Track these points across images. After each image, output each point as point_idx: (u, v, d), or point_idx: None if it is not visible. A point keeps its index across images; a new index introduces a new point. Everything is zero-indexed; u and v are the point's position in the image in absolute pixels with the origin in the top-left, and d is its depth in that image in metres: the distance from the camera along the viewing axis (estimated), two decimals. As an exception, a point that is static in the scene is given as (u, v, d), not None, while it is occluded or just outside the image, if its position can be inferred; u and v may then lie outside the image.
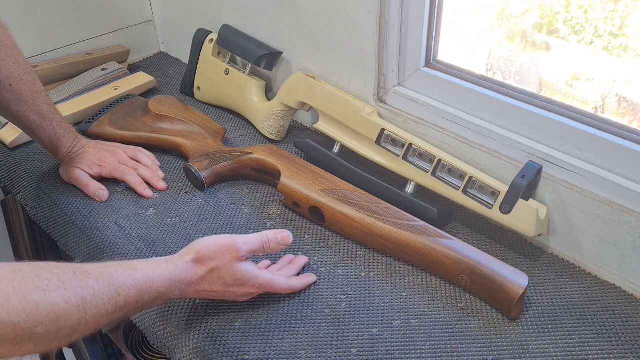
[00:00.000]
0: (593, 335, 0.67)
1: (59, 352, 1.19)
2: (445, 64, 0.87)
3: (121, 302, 0.56)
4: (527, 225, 0.74)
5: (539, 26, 0.80)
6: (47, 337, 0.49)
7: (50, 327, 0.49)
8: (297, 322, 0.68)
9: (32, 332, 0.48)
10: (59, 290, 0.50)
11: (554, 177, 0.76)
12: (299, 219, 0.85)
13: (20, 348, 0.48)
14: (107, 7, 1.23)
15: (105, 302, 0.54)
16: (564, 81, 0.81)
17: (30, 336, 0.48)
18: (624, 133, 0.71)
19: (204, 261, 0.64)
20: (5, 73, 0.81)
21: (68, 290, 0.51)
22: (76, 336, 0.52)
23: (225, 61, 1.10)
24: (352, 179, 0.87)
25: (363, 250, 0.79)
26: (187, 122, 0.99)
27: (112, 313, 0.55)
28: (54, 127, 0.87)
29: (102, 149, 0.92)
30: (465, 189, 0.79)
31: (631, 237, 0.70)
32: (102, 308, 0.53)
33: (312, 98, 0.95)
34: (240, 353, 0.65)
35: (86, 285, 0.53)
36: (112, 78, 1.16)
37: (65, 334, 0.51)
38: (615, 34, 0.72)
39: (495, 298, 0.69)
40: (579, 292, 0.73)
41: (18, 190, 0.93)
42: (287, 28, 1.01)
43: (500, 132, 0.80)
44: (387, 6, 0.83)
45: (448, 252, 0.71)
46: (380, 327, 0.68)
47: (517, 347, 0.65)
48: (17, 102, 0.83)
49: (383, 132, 0.87)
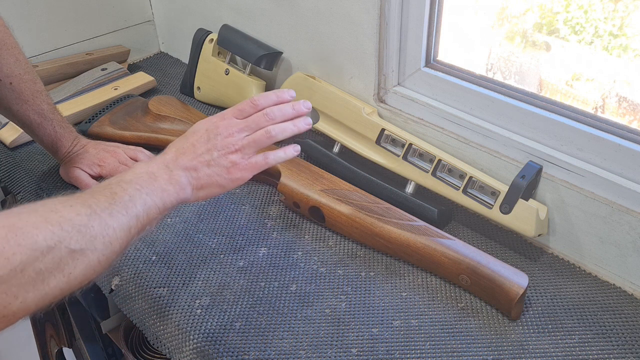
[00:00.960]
0: (593, 335, 0.67)
1: (59, 352, 1.19)
2: (445, 64, 0.87)
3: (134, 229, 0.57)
4: (527, 225, 0.74)
5: (539, 26, 0.80)
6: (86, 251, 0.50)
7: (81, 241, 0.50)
8: (297, 322, 0.68)
9: (70, 249, 0.49)
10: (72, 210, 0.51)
11: (554, 177, 0.76)
12: (299, 219, 0.85)
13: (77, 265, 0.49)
14: (107, 7, 1.23)
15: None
16: (564, 81, 0.81)
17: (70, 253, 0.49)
18: (624, 133, 0.71)
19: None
20: (6, 71, 0.81)
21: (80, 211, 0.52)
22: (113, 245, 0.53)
23: (225, 61, 1.10)
24: (352, 179, 0.87)
25: (363, 250, 0.79)
26: (187, 122, 0.99)
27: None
28: (54, 127, 0.87)
29: (102, 149, 0.92)
30: (465, 189, 0.79)
31: (631, 237, 0.70)
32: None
33: (312, 98, 0.95)
34: (240, 353, 0.65)
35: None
36: (112, 78, 1.16)
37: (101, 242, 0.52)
38: (615, 34, 0.72)
39: (495, 298, 0.69)
40: (579, 292, 0.73)
41: (18, 190, 0.93)
42: (287, 28, 1.01)
43: (500, 132, 0.80)
44: (387, 6, 0.83)
45: (448, 252, 0.71)
46: (380, 327, 0.68)
47: (517, 347, 0.65)
48: (17, 101, 0.83)
49: (383, 132, 0.87)
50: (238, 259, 0.78)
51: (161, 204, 0.60)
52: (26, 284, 0.46)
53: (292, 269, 0.76)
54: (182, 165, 0.64)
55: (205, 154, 0.65)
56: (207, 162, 0.65)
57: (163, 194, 0.60)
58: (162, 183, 0.61)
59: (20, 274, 0.45)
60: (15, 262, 0.45)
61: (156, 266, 0.76)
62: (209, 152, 0.65)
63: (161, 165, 0.63)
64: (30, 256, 0.46)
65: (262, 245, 0.80)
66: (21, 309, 0.46)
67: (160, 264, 0.76)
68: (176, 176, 0.63)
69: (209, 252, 0.78)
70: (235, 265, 0.76)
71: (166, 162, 0.64)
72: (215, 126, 0.67)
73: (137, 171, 0.61)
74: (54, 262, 0.48)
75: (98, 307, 1.04)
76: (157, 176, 0.61)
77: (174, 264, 0.76)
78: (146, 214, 0.58)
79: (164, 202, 0.60)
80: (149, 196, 0.59)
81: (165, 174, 0.62)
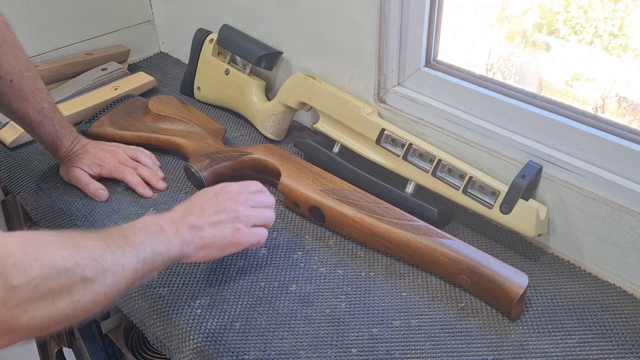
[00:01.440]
0: (593, 335, 0.67)
1: (59, 352, 1.19)
2: (445, 64, 0.87)
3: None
4: (527, 225, 0.74)
5: (539, 26, 0.80)
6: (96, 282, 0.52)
7: (95, 269, 0.52)
8: (297, 322, 0.68)
9: (84, 276, 0.50)
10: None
11: (554, 177, 0.76)
12: (299, 219, 0.85)
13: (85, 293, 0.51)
14: (107, 7, 1.23)
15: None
16: (564, 81, 0.81)
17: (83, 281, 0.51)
18: (624, 133, 0.71)
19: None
20: (6, 69, 0.81)
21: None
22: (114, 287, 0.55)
23: (225, 61, 1.10)
24: (352, 179, 0.87)
25: (363, 250, 0.79)
26: (187, 122, 0.99)
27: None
28: (54, 126, 0.87)
29: (102, 148, 0.92)
30: (465, 189, 0.79)
31: (631, 237, 0.70)
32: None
33: (312, 98, 0.95)
34: (240, 353, 0.65)
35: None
36: (112, 78, 1.16)
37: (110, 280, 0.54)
38: (615, 34, 0.72)
39: (495, 298, 0.69)
40: (579, 292, 0.73)
41: (18, 190, 0.93)
42: (287, 28, 1.01)
43: (500, 132, 0.80)
44: (387, 6, 0.83)
45: (448, 252, 0.71)
46: (380, 327, 0.68)
47: (517, 347, 0.65)
48: (17, 99, 0.83)
49: (383, 132, 0.87)
50: (238, 259, 0.78)
51: (166, 255, 0.62)
52: (37, 300, 0.47)
53: (292, 269, 0.76)
54: (188, 224, 0.66)
55: (213, 215, 0.68)
56: (214, 223, 0.68)
57: (169, 246, 0.63)
58: (169, 235, 0.64)
59: (35, 289, 0.46)
60: (31, 275, 0.46)
61: (156, 266, 0.76)
62: (218, 214, 0.68)
63: (168, 220, 0.65)
64: (46, 273, 0.47)
65: (262, 245, 0.80)
66: (28, 326, 0.46)
67: (160, 264, 0.76)
68: (182, 232, 0.65)
69: (209, 252, 0.78)
70: (235, 265, 0.76)
71: (173, 219, 0.66)
72: (225, 191, 0.71)
73: (147, 221, 0.63)
74: (67, 284, 0.49)
75: (98, 307, 1.04)
76: (164, 229, 0.64)
77: (174, 264, 0.76)
78: (152, 260, 0.60)
79: (169, 253, 0.63)
80: (157, 245, 0.61)
81: (172, 228, 0.65)
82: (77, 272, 0.50)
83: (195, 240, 0.66)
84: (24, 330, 0.47)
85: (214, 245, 0.67)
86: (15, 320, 0.45)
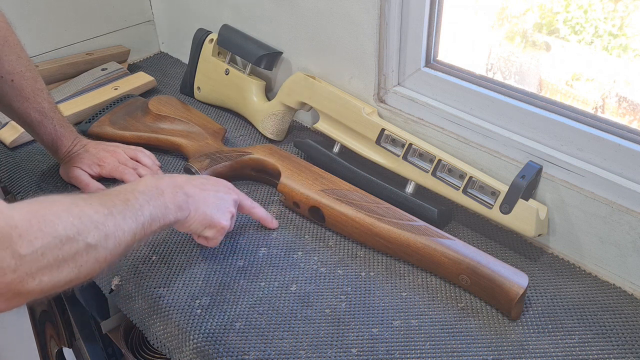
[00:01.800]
0: (593, 335, 0.67)
1: (59, 352, 1.19)
2: (445, 64, 0.87)
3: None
4: (527, 225, 0.74)
5: (539, 26, 0.80)
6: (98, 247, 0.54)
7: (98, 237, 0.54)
8: (297, 322, 0.68)
9: (87, 243, 0.53)
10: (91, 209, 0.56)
11: (554, 177, 0.76)
12: (299, 219, 0.85)
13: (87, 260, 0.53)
14: (107, 7, 1.23)
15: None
16: (564, 81, 0.81)
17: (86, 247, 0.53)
18: (624, 133, 0.71)
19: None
20: (7, 68, 0.81)
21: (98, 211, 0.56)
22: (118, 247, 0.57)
23: (225, 61, 1.10)
24: (352, 179, 0.87)
25: (363, 250, 0.79)
26: (187, 122, 0.99)
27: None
28: (54, 126, 0.87)
29: (102, 148, 0.92)
30: (465, 189, 0.79)
31: (631, 237, 0.70)
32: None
33: (312, 98, 0.95)
34: (240, 353, 0.65)
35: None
36: (112, 78, 1.16)
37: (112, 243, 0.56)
38: (615, 34, 0.72)
39: (495, 298, 0.69)
40: (579, 292, 0.73)
41: (18, 190, 0.93)
42: (287, 28, 1.01)
43: (500, 132, 0.80)
44: (387, 6, 0.83)
45: (448, 252, 0.71)
46: (380, 327, 0.68)
47: (517, 347, 0.65)
48: (18, 99, 0.83)
49: (383, 132, 0.87)
50: (238, 259, 0.78)
51: (162, 220, 0.65)
52: (44, 268, 0.49)
53: (292, 269, 0.76)
54: (186, 191, 0.69)
55: (211, 189, 0.73)
56: (211, 200, 0.72)
57: (165, 211, 0.65)
58: (166, 200, 0.66)
59: (41, 257, 0.49)
60: (37, 245, 0.48)
61: (156, 266, 0.76)
62: (216, 188, 0.74)
63: (170, 184, 0.68)
64: (50, 242, 0.49)
65: (262, 245, 0.80)
66: (35, 290, 0.49)
67: (160, 264, 0.76)
68: (178, 198, 0.67)
69: (209, 252, 0.78)
70: (235, 265, 0.76)
71: (176, 182, 0.69)
72: (224, 184, 0.77)
73: (148, 183, 0.66)
74: (71, 252, 0.51)
75: (98, 307, 1.04)
76: (164, 193, 0.66)
77: (174, 264, 0.76)
78: (149, 224, 0.62)
79: (165, 219, 0.65)
80: (155, 209, 0.63)
81: (171, 192, 0.67)
82: (80, 240, 0.52)
83: (189, 208, 0.68)
84: (32, 294, 0.50)
85: (205, 221, 0.71)
86: (25, 286, 0.48)
